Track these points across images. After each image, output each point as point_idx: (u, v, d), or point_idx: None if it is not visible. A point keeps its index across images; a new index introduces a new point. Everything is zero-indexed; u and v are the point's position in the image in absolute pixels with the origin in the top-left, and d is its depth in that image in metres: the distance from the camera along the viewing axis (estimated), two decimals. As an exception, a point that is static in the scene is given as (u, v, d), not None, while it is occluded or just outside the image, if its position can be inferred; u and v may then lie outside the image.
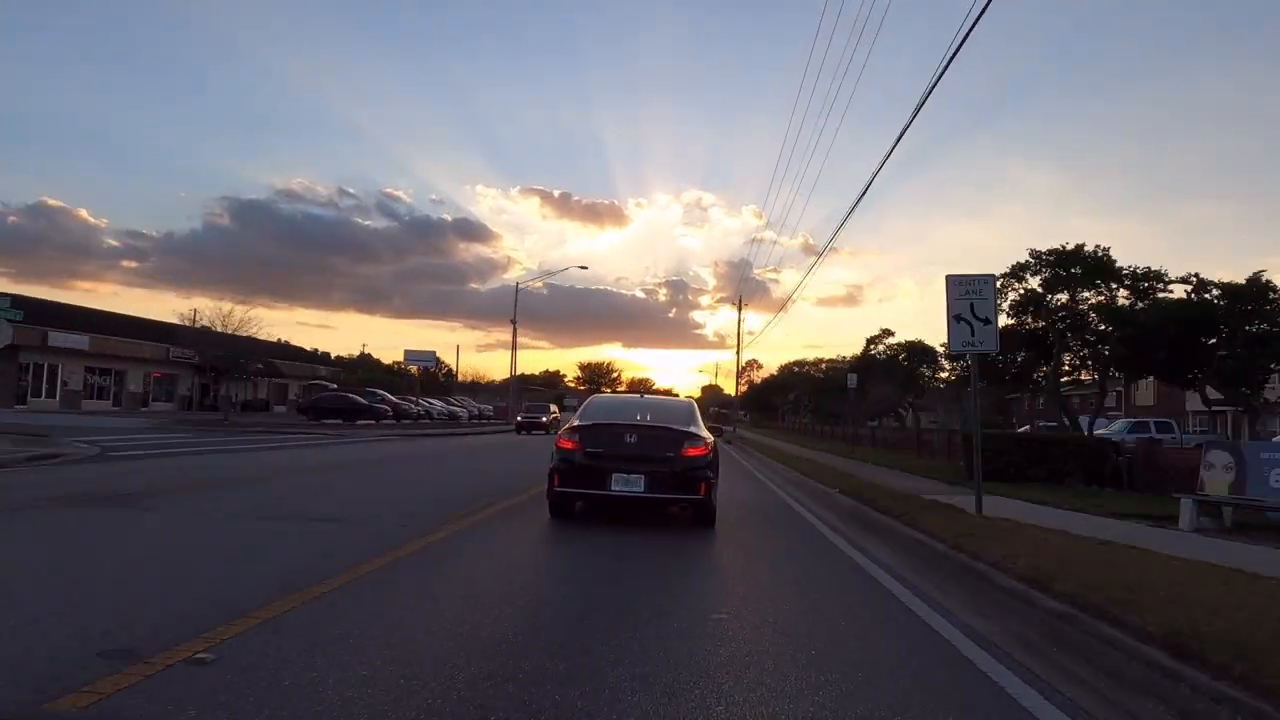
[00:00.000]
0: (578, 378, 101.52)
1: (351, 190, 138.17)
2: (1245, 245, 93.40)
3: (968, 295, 8.92)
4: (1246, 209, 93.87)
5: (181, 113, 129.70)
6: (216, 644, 3.33)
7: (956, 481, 14.20)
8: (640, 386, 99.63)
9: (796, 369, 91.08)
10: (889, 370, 54.80)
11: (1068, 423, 25.44)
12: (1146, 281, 20.79)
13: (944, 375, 50.77)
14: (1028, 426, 35.95)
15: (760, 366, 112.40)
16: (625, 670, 3.29)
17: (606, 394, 11.32)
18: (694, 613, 4.49)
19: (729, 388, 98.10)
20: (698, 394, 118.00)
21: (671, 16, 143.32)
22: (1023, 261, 21.61)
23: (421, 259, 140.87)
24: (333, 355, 77.44)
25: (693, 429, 8.08)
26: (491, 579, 5.23)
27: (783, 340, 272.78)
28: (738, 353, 49.23)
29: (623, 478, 7.54)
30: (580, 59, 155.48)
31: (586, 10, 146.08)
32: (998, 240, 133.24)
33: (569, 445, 7.81)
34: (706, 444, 8.01)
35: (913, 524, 7.72)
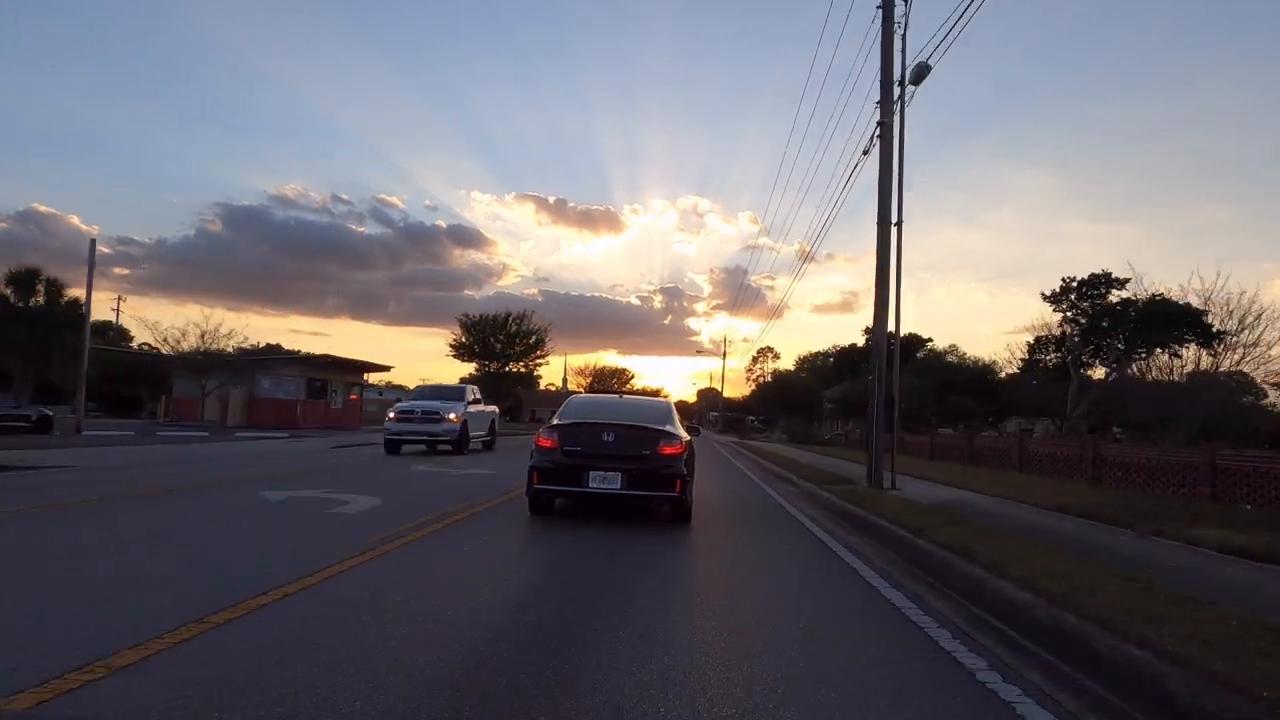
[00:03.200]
0: (455, 343, 62.49)
1: (345, 196, 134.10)
2: (1244, 248, 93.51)
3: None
4: (1245, 212, 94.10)
5: (174, 118, 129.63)
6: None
7: None
8: (611, 379, 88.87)
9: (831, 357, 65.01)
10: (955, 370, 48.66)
11: None
12: None
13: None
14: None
15: (778, 357, 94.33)
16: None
17: (586, 394, 11.57)
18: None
19: (729, 392, 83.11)
20: (694, 399, 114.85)
21: (669, 21, 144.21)
22: None
23: (416, 265, 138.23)
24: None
25: (669, 428, 8.33)
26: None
27: (777, 345, 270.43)
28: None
29: (600, 475, 7.79)
30: (576, 64, 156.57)
31: (583, 15, 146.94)
32: (996, 244, 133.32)
33: (548, 444, 8.09)
34: (682, 442, 8.26)
35: None
